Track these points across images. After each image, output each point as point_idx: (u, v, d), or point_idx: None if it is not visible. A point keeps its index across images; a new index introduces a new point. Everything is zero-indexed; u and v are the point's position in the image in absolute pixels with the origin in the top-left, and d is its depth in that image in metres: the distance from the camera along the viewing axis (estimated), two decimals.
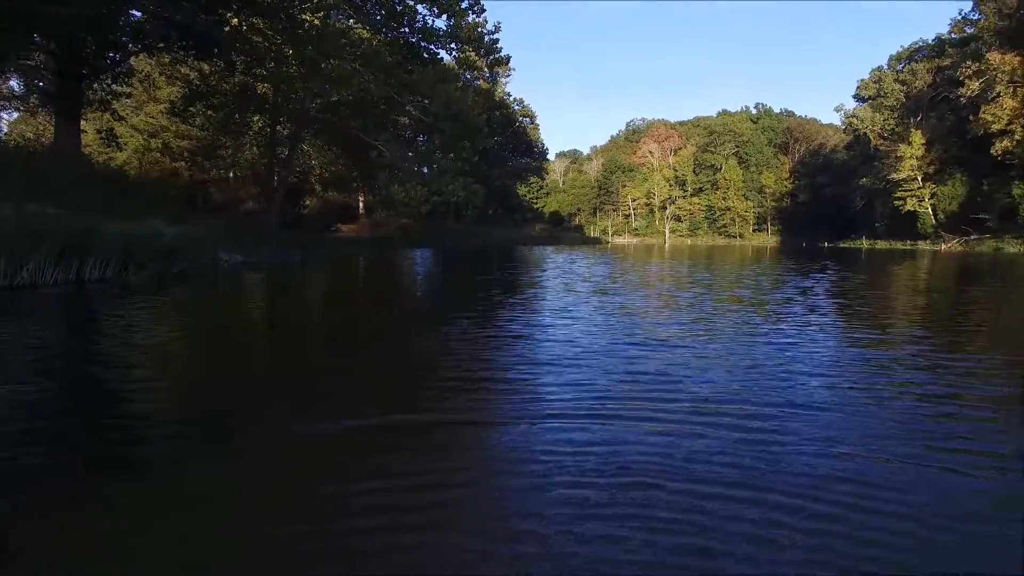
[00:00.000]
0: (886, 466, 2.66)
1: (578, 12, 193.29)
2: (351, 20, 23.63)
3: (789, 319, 7.04)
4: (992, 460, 2.76)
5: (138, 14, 19.23)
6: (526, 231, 58.73)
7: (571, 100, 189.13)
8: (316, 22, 22.26)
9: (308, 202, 43.11)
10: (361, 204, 47.74)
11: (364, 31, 23.84)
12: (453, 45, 26.14)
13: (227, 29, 20.20)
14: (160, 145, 32.01)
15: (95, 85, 21.15)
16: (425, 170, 26.48)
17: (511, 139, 58.84)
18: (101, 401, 3.73)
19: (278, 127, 26.56)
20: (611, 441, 2.93)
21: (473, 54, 30.13)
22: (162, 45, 20.44)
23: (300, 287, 12.45)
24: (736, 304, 8.83)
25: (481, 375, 4.34)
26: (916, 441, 2.98)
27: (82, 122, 22.09)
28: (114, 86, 22.05)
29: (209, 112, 23.94)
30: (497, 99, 51.33)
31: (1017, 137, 40.20)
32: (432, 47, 25.66)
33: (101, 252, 10.23)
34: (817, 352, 5.09)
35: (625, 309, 8.14)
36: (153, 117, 32.24)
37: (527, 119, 57.94)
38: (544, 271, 16.70)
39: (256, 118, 25.50)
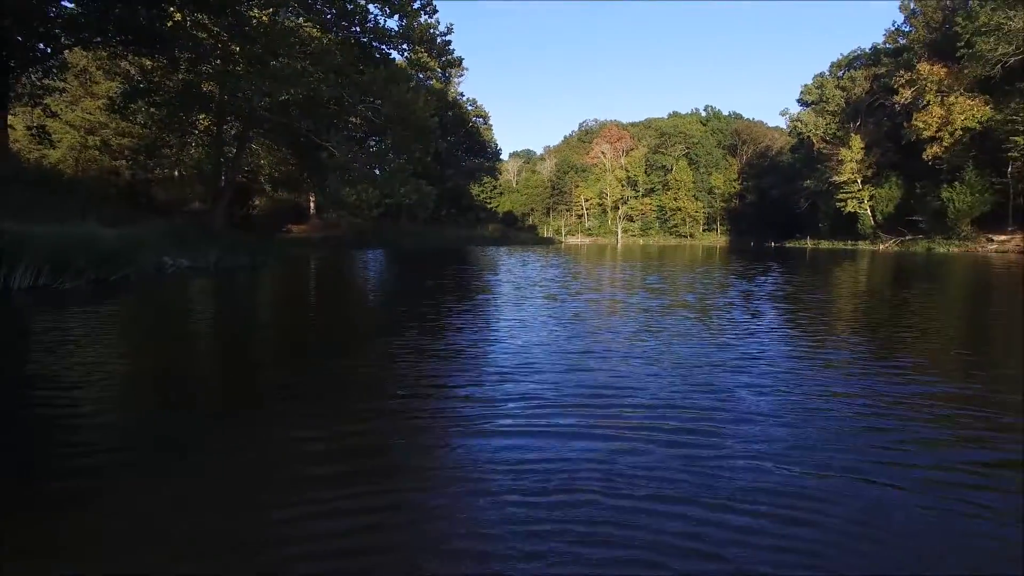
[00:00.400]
0: (819, 479, 2.73)
1: (532, 12, 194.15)
2: (301, 18, 23.13)
3: (732, 326, 7.21)
4: (924, 472, 2.84)
5: (71, 5, 18.40)
6: (479, 231, 58.69)
7: (525, 100, 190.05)
8: (264, 19, 21.72)
9: (258, 202, 42.12)
10: (312, 204, 46.88)
11: (314, 30, 23.36)
12: (405, 46, 25.86)
13: (170, 24, 19.51)
14: (98, 143, 30.72)
15: (24, 78, 20.17)
16: (377, 171, 26.05)
17: (464, 139, 58.64)
18: (36, 426, 3.56)
19: (225, 126, 25.77)
20: (556, 455, 2.96)
21: (425, 55, 29.88)
22: (99, 39, 19.61)
23: (249, 294, 12.12)
24: (683, 309, 9.01)
25: (429, 390, 4.33)
26: (848, 453, 3.08)
27: (9, 117, 21.04)
28: (46, 80, 21.07)
29: (152, 109, 23.04)
30: (450, 99, 51.06)
31: (945, 143, 42.31)
32: (384, 47, 25.37)
33: (31, 258, 9.73)
34: (758, 360, 5.22)
35: (576, 316, 8.18)
36: (90, 113, 30.89)
37: (480, 119, 57.92)
38: (496, 275, 16.70)
39: (202, 116, 24.68)
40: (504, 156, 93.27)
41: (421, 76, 33.67)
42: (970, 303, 11.58)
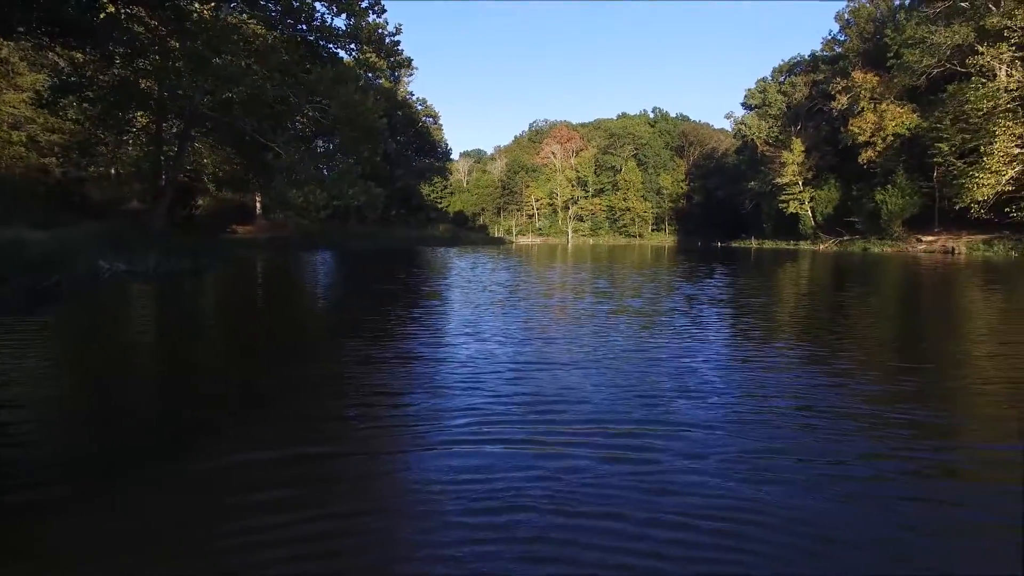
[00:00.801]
0: (756, 489, 2.82)
1: (483, 12, 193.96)
2: (244, 15, 22.47)
3: (676, 333, 7.28)
4: (862, 485, 2.91)
5: None
6: (430, 232, 58.31)
7: (475, 100, 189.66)
8: (206, 14, 21.01)
9: (201, 202, 40.76)
10: (258, 204, 45.72)
11: (258, 27, 22.73)
12: (353, 45, 25.47)
13: (102, 16, 18.62)
14: (24, 138, 29.13)
15: None
16: (325, 172, 25.48)
17: (414, 139, 58.19)
18: None
19: (165, 124, 24.80)
20: (502, 470, 3.00)
21: (374, 55, 29.49)
22: (22, 30, 18.57)
23: (190, 300, 11.68)
24: (629, 316, 9.10)
25: (376, 401, 4.31)
26: (783, 457, 3.22)
27: None
28: None
29: (84, 105, 21.96)
30: (400, 99, 50.57)
31: (878, 148, 44.35)
32: (331, 46, 24.92)
33: None
34: (699, 369, 5.32)
35: (524, 324, 8.13)
36: (14, 107, 29.27)
37: (430, 119, 57.58)
38: (446, 279, 16.64)
39: (140, 114, 23.66)
40: (455, 156, 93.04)
41: (370, 76, 33.16)
42: (904, 306, 12.13)
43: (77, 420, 4.05)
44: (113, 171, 33.45)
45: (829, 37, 59.16)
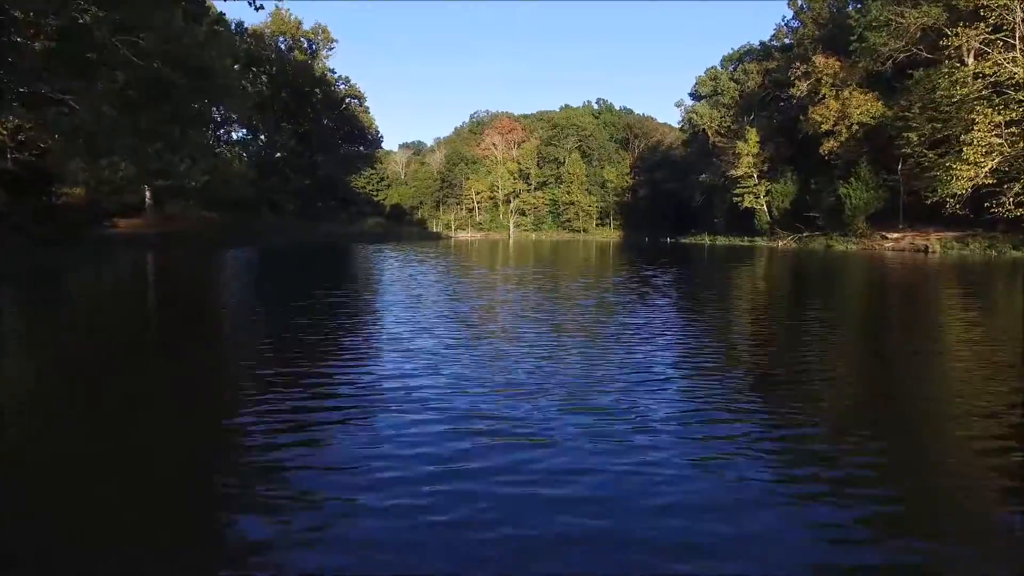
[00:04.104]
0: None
1: (423, 6, 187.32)
2: None
3: (619, 367, 5.62)
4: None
5: None
6: (358, 227, 52.52)
7: (416, 90, 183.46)
8: None
9: (69, 191, 33.88)
10: (148, 194, 38.99)
11: None
12: None
13: None
14: None
15: None
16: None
17: (339, 123, 52.22)
18: None
19: None
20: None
21: None
22: None
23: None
24: (571, 336, 7.22)
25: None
26: None
27: None
28: None
29: None
30: (318, 75, 44.50)
31: (842, 138, 41.55)
32: None
33: None
34: (638, 408, 4.13)
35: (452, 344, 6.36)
36: None
37: (355, 100, 51.51)
38: (375, 289, 11.81)
39: None
40: (386, 144, 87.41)
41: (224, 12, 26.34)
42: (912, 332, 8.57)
43: None
44: None
45: (782, 24, 56.61)
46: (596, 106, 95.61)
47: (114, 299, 11.74)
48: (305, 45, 43.89)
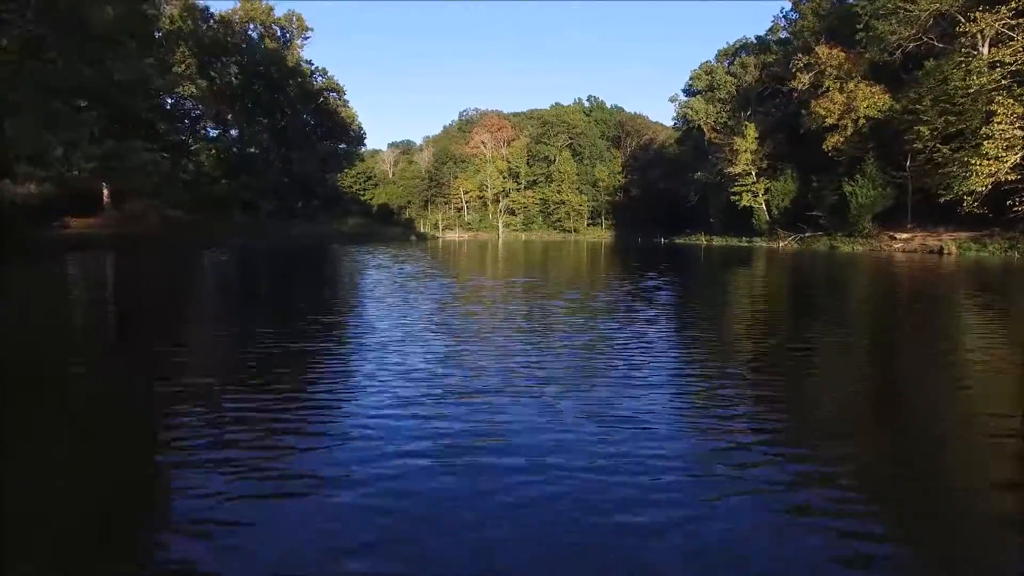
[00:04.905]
0: None
1: (415, 6, 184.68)
2: None
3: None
4: None
5: None
6: (337, 227, 49.79)
7: (407, 90, 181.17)
8: None
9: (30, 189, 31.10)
10: (106, 191, 36.20)
11: None
12: None
13: None
14: None
15: None
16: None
17: (318, 118, 49.50)
18: None
19: None
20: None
21: None
22: None
23: None
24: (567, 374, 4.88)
25: None
26: None
27: None
28: None
29: None
30: (291, 65, 41.76)
31: (847, 133, 39.32)
32: None
33: None
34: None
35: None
36: None
37: (334, 94, 48.72)
38: (290, 319, 9.06)
39: None
40: (376, 143, 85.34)
41: None
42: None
43: None
44: None
45: (779, 16, 54.45)
46: (587, 103, 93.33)
47: None
48: (278, 33, 41.12)
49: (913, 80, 35.13)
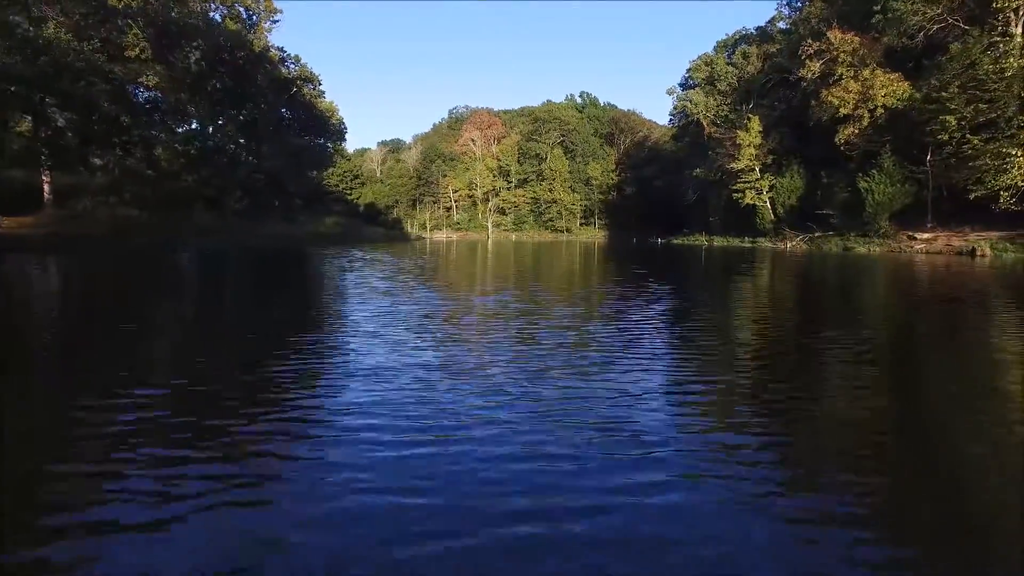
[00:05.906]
0: None
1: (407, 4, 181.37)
2: None
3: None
4: None
5: None
6: (314, 227, 46.38)
7: (395, 88, 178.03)
8: None
9: None
10: (47, 186, 32.75)
11: None
12: None
13: None
14: None
15: None
16: None
17: (293, 110, 46.07)
18: None
19: None
20: None
21: None
22: None
23: None
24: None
25: None
26: None
27: None
28: None
29: None
30: (258, 50, 38.26)
31: (863, 124, 36.24)
32: None
33: None
34: None
35: None
36: None
37: (309, 84, 45.28)
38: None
39: None
40: (365, 141, 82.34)
41: None
42: None
43: None
44: None
45: (782, 3, 51.47)
46: (580, 99, 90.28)
47: None
48: (243, 15, 37.69)
49: (935, 66, 32.17)
